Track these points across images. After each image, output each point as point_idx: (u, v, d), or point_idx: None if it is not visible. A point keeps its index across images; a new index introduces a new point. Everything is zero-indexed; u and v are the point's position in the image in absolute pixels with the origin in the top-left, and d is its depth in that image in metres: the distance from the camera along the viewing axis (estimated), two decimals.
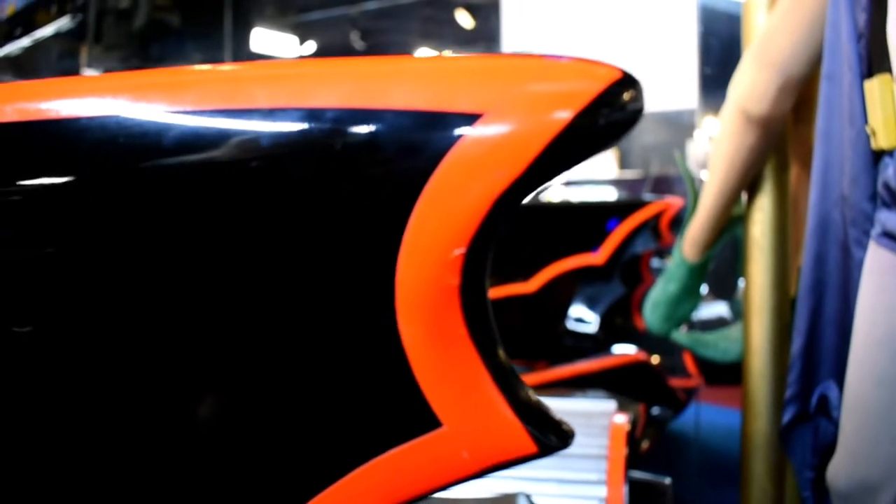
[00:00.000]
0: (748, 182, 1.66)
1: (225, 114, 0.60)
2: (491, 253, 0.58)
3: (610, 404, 1.41)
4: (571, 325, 2.74)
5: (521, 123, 0.55)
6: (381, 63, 0.61)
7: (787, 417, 1.37)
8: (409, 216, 0.57)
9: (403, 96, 0.58)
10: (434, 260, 0.56)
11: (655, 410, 2.44)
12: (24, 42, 5.38)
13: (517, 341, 2.63)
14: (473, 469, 0.59)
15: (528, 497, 1.22)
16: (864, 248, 1.16)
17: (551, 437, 0.60)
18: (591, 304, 2.76)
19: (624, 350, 2.51)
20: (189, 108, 0.61)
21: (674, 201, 2.81)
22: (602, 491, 1.25)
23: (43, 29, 5.41)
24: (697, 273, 1.85)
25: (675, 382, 2.71)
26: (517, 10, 6.09)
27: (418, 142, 0.57)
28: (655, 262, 2.87)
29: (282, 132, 0.59)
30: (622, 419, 1.34)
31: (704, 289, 1.93)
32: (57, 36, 5.53)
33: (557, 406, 1.47)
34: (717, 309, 3.26)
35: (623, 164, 8.39)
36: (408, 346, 0.58)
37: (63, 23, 5.43)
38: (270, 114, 0.59)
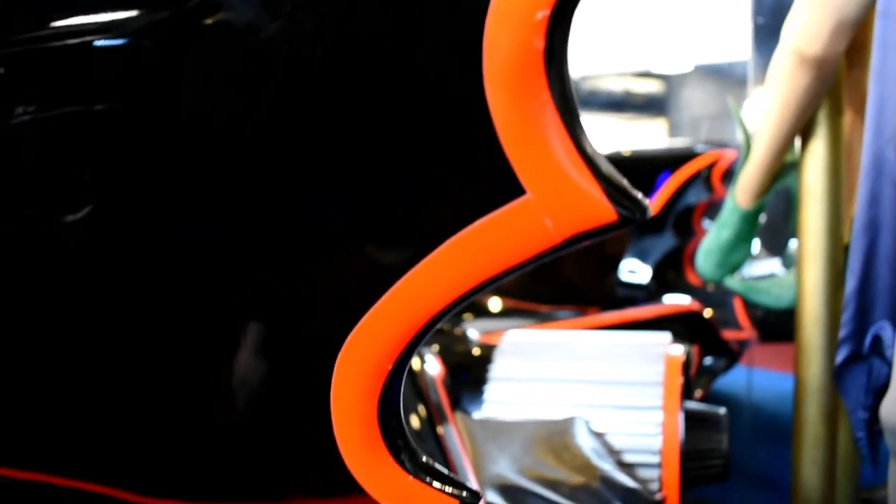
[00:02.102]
0: (802, 126, 1.65)
1: None
2: (573, 18, 0.58)
3: (664, 336, 1.41)
4: (623, 275, 2.74)
5: None
6: None
7: (840, 357, 1.37)
8: None
9: None
10: (519, 22, 0.56)
11: (708, 361, 2.44)
12: None
13: (569, 288, 2.63)
14: (556, 239, 0.59)
15: (585, 422, 1.23)
16: None
17: (630, 206, 0.59)
18: (643, 256, 2.75)
19: (677, 300, 2.50)
20: None
21: (727, 152, 2.78)
22: (658, 416, 1.26)
23: None
24: (751, 220, 1.84)
25: (728, 335, 2.70)
26: None
27: None
28: (706, 223, 2.84)
29: None
30: (678, 349, 1.34)
31: (757, 247, 1.91)
32: None
33: (611, 339, 1.47)
34: (769, 265, 3.22)
35: (672, 132, 8.26)
36: (494, 111, 0.58)
37: None
38: None
